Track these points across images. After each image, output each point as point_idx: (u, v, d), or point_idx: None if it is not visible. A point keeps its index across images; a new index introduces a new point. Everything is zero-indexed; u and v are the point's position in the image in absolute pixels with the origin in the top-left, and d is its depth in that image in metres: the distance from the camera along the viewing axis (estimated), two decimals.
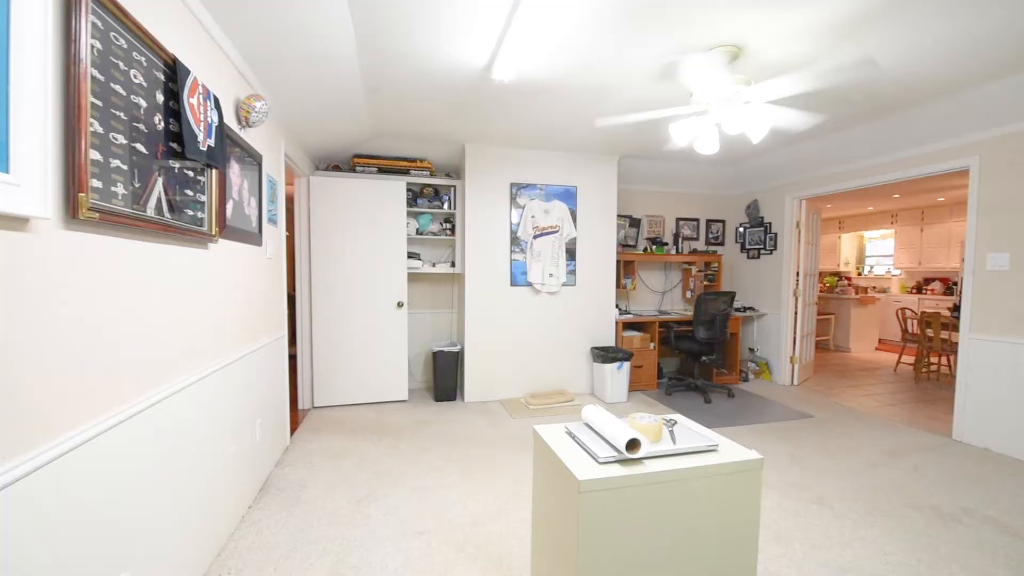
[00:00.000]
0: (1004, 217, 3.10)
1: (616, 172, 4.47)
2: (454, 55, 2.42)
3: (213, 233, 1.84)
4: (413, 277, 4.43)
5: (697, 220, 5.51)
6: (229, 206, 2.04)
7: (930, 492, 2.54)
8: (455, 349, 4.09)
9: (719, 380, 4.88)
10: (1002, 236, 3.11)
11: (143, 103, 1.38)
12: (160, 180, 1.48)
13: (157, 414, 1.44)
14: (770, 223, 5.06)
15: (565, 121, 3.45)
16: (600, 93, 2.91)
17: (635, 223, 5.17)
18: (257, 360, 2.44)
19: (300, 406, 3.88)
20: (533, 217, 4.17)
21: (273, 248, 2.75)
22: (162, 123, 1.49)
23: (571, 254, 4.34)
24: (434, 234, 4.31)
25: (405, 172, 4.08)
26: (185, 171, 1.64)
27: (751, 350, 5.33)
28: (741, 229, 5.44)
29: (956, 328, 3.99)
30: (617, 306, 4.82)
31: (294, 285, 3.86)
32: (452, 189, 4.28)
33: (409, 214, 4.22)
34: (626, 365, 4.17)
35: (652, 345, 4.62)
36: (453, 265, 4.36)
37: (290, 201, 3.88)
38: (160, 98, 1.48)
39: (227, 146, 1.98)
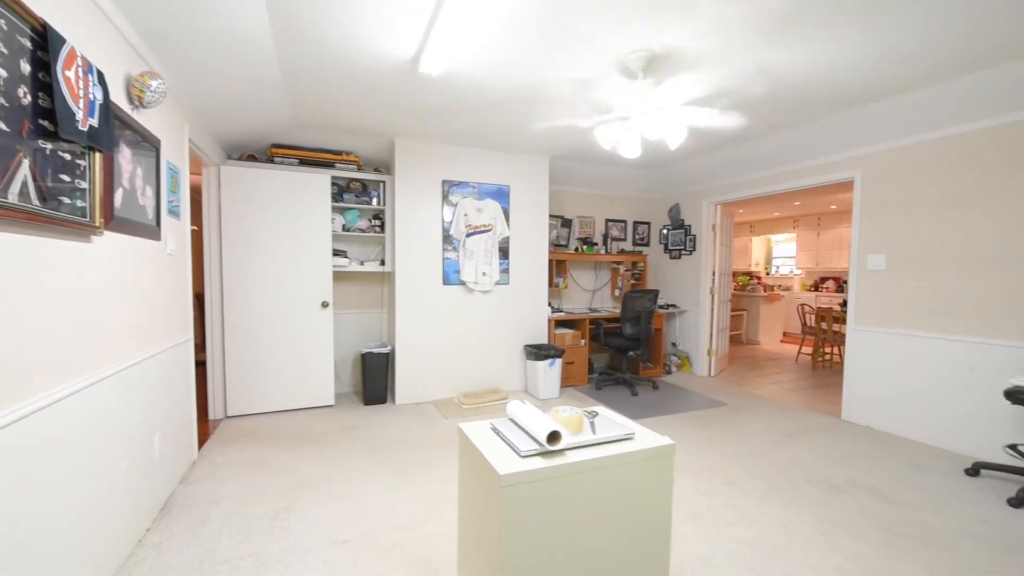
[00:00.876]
0: (881, 223, 3.52)
1: (548, 173, 4.56)
2: (379, 45, 2.34)
3: (97, 224, 1.64)
4: (340, 276, 4.24)
5: (625, 222, 5.76)
6: (118, 194, 1.83)
7: (823, 467, 2.83)
8: (385, 350, 3.96)
9: (645, 373, 5.13)
10: (880, 240, 3.54)
11: (3, 72, 1.19)
12: (27, 162, 1.29)
13: (19, 433, 1.25)
14: (690, 225, 5.40)
15: (497, 120, 3.46)
16: (529, 93, 2.95)
17: (567, 223, 5.30)
18: (156, 366, 2.21)
19: (211, 416, 3.57)
20: (466, 215, 4.14)
21: (175, 243, 2.51)
22: (29, 97, 1.30)
23: (504, 253, 4.36)
24: (362, 231, 4.15)
25: (330, 165, 3.88)
26: (61, 153, 1.45)
27: (674, 344, 5.66)
28: (664, 231, 5.76)
29: (845, 321, 4.48)
30: (550, 304, 4.91)
31: (203, 284, 3.55)
32: (381, 184, 4.14)
33: (335, 209, 4.03)
34: (558, 362, 4.27)
35: (583, 342, 4.76)
36: (383, 263, 4.22)
37: (197, 192, 3.56)
38: (26, 68, 1.29)
39: (115, 127, 1.77)
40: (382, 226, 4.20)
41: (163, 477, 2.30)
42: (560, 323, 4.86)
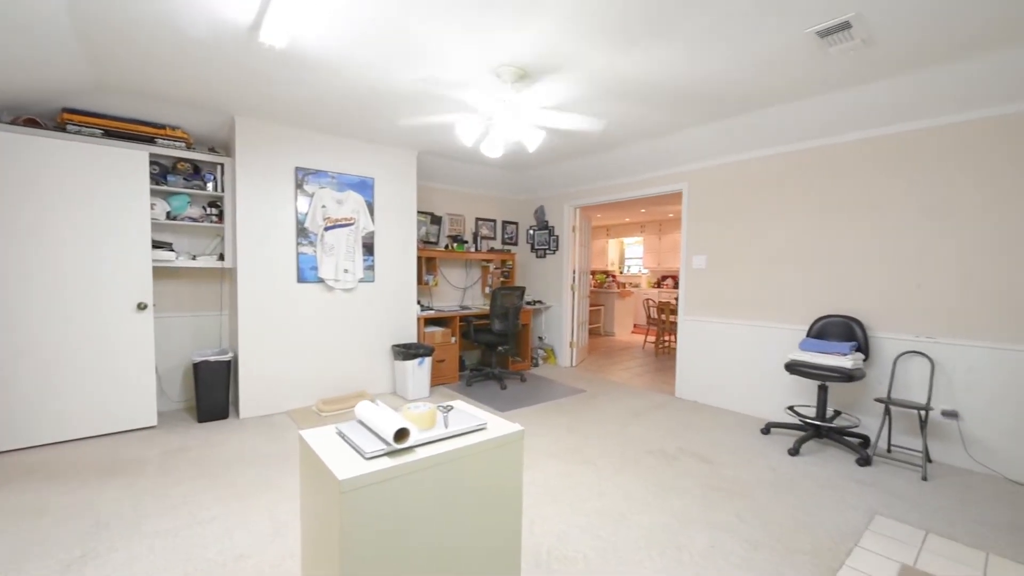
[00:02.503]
0: (703, 228, 4.15)
1: (416, 167, 4.44)
2: (207, 1, 2.02)
3: None
4: (164, 272, 3.59)
5: (494, 221, 5.90)
6: None
7: (659, 438, 3.22)
8: (226, 358, 3.46)
9: (514, 367, 5.32)
10: (702, 243, 4.16)
11: None
12: None
13: None
14: (553, 227, 5.75)
15: (356, 106, 3.25)
16: (389, 82, 2.82)
17: (436, 220, 5.24)
18: None
19: None
20: (324, 207, 3.82)
21: None
22: None
23: (369, 249, 4.13)
24: (194, 220, 3.55)
25: (149, 140, 3.25)
26: None
27: (540, 338, 5.97)
28: (531, 231, 6.04)
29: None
30: (419, 302, 4.81)
31: None
32: (219, 167, 3.60)
33: (157, 194, 3.39)
34: (427, 360, 4.19)
35: (454, 339, 4.75)
36: (222, 258, 3.67)
37: None
38: None
39: None
40: (220, 215, 3.65)
41: None
42: (430, 321, 4.79)
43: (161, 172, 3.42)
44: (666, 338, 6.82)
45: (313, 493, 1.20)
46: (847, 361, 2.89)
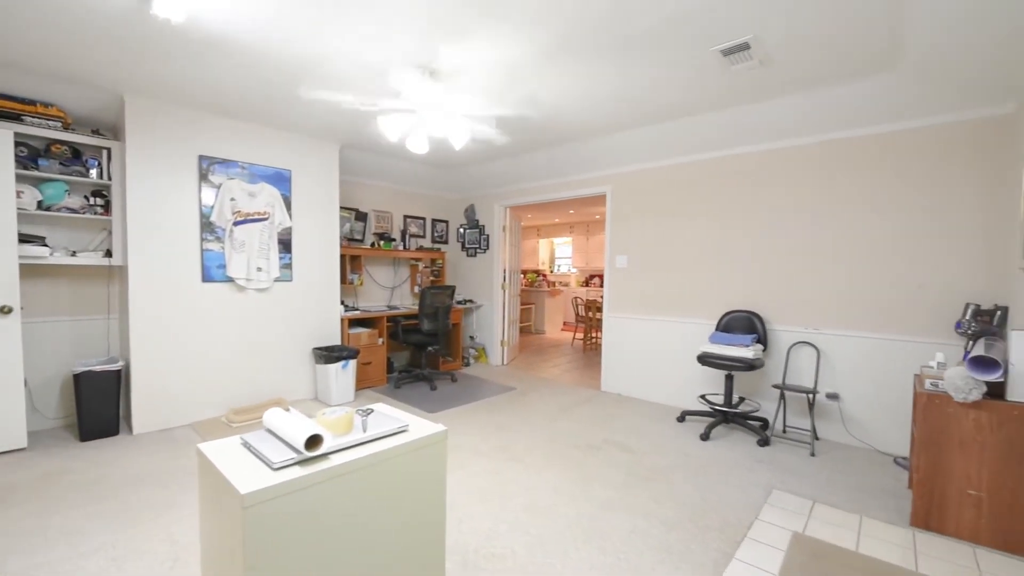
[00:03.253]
0: (625, 230, 4.35)
1: (338, 160, 4.23)
2: None
3: None
4: (34, 270, 3.11)
5: (424, 219, 5.78)
6: None
7: (585, 432, 3.33)
8: (115, 367, 3.07)
9: (445, 367, 5.25)
10: (624, 243, 4.36)
11: None
12: None
13: None
14: (484, 226, 5.75)
15: (271, 92, 3.03)
16: (307, 67, 2.66)
17: (362, 217, 5.03)
18: None
19: None
20: (233, 200, 3.51)
21: None
22: None
23: (286, 246, 3.87)
24: (73, 211, 3.11)
25: (14, 117, 2.80)
26: None
27: (471, 338, 5.95)
28: (461, 230, 5.99)
29: None
30: (344, 303, 4.59)
31: None
32: (105, 152, 3.18)
33: (26, 180, 2.93)
34: (352, 363, 4.01)
35: (381, 340, 4.59)
36: (109, 255, 3.25)
37: None
38: None
39: None
40: (107, 206, 3.23)
41: None
42: (356, 322, 4.59)
43: (30, 155, 2.96)
44: (593, 335, 7.08)
45: (214, 511, 1.09)
46: (749, 352, 3.17)
